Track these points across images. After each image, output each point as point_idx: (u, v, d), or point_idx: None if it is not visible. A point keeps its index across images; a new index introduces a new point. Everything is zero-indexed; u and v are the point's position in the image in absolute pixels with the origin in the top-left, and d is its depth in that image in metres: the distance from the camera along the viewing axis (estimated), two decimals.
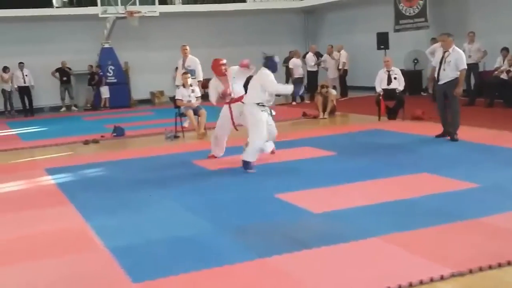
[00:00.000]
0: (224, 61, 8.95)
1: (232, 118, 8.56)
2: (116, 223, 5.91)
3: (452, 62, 9.38)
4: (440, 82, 9.59)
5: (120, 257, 4.77)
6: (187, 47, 12.93)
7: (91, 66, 19.93)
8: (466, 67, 9.57)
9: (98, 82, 19.56)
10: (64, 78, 19.85)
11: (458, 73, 9.42)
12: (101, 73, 19.61)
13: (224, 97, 8.60)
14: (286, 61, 18.95)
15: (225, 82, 8.76)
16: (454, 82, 9.41)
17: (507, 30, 15.12)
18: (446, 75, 9.46)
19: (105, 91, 19.62)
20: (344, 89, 18.81)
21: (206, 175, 8.04)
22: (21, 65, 18.80)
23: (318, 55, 19.08)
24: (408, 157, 8.50)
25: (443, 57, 9.51)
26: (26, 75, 18.86)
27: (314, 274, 4.23)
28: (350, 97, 18.48)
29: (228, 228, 5.46)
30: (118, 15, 18.62)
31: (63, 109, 20.02)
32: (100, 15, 18.62)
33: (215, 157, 8.95)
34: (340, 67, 18.59)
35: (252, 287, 4.09)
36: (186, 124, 12.60)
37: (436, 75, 9.65)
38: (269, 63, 8.08)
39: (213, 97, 8.88)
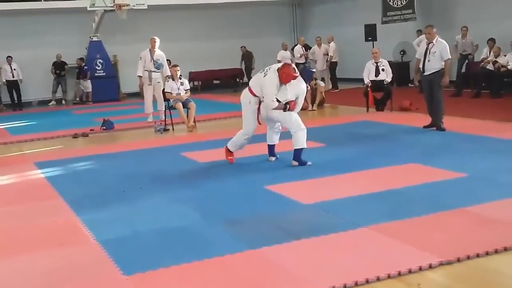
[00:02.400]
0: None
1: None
2: (106, 216, 5.92)
3: (437, 53, 9.53)
4: (426, 73, 9.71)
5: (111, 250, 4.79)
6: (157, 40, 12.95)
7: (80, 60, 19.88)
8: (450, 57, 9.74)
9: (82, 76, 19.52)
10: (57, 72, 19.78)
11: (443, 63, 9.54)
12: (85, 67, 19.55)
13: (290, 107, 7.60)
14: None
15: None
16: (439, 73, 9.53)
17: (493, 21, 15.23)
18: (431, 66, 9.59)
19: (87, 85, 19.56)
20: (334, 81, 18.80)
21: (196, 168, 8.05)
22: (9, 59, 18.70)
23: (307, 47, 19.09)
24: (396, 148, 8.55)
25: (427, 48, 9.65)
26: (14, 69, 18.76)
27: (304, 265, 4.25)
28: (341, 88, 18.50)
29: (218, 220, 5.48)
30: (106, 8, 18.54)
31: (53, 102, 19.94)
32: (88, 9, 18.51)
33: None
34: (328, 59, 18.60)
35: (243, 278, 4.12)
36: (150, 119, 12.86)
37: (421, 67, 9.76)
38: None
39: (272, 95, 7.45)
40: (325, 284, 3.87)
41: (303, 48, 18.74)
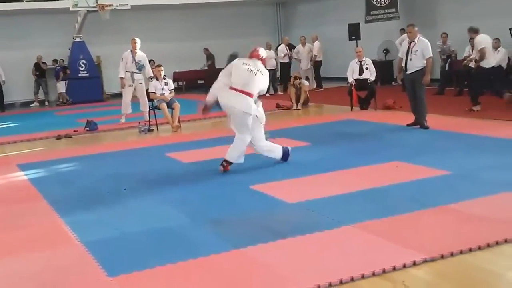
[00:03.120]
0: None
1: None
2: (90, 217, 5.88)
3: (419, 52, 9.59)
4: (408, 72, 9.78)
5: (95, 251, 4.76)
6: (137, 41, 12.90)
7: (62, 61, 19.78)
8: (432, 55, 9.79)
9: (56, 77, 19.43)
10: (37, 73, 19.64)
11: (425, 62, 9.60)
12: (57, 68, 19.44)
13: None
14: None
15: None
16: (421, 71, 9.59)
17: (476, 19, 15.27)
18: (413, 65, 9.67)
19: (60, 86, 19.46)
20: (319, 80, 18.83)
21: (181, 168, 8.04)
22: None
23: (291, 46, 19.11)
24: (380, 146, 8.59)
25: (409, 47, 9.70)
26: None
27: (289, 263, 4.26)
28: (325, 87, 18.54)
29: (203, 220, 5.47)
30: (89, 9, 18.45)
31: (35, 104, 19.81)
32: (71, 9, 18.42)
33: None
34: (312, 58, 18.63)
35: (228, 277, 4.11)
36: (123, 120, 12.89)
37: (403, 65, 9.81)
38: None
39: None
40: (310, 282, 3.87)
41: (287, 48, 18.77)
